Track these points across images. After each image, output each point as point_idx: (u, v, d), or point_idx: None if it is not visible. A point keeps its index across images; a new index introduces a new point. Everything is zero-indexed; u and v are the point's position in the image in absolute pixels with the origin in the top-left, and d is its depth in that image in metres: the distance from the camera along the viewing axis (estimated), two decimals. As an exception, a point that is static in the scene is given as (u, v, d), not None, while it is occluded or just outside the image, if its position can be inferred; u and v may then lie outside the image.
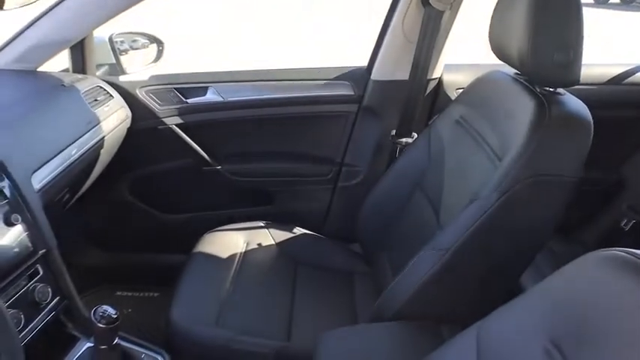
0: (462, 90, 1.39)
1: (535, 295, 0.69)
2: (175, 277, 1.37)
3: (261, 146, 1.80)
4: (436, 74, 1.70)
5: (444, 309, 1.14)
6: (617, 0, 13.03)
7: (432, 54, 1.56)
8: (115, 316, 0.98)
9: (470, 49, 3.03)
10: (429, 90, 1.70)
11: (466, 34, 2.05)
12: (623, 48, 7.45)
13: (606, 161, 1.80)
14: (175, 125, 1.67)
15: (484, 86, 1.28)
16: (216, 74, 1.74)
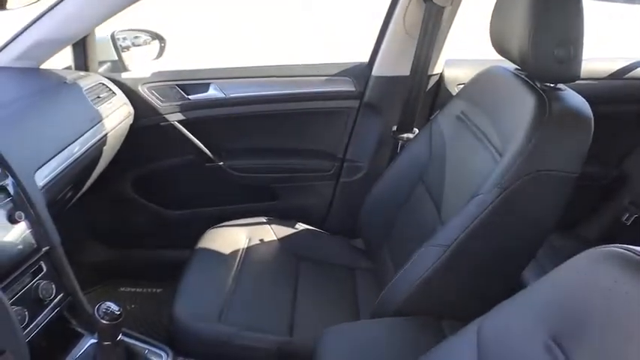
0: (462, 85, 1.39)
1: (536, 291, 0.70)
2: (178, 273, 1.38)
3: (263, 142, 1.80)
4: (437, 70, 1.70)
5: (445, 305, 1.15)
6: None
7: (433, 50, 1.56)
8: (119, 313, 0.99)
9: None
10: (430, 85, 1.70)
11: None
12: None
13: (607, 156, 1.80)
14: (177, 122, 1.67)
15: (485, 82, 1.28)
16: (218, 70, 1.74)
